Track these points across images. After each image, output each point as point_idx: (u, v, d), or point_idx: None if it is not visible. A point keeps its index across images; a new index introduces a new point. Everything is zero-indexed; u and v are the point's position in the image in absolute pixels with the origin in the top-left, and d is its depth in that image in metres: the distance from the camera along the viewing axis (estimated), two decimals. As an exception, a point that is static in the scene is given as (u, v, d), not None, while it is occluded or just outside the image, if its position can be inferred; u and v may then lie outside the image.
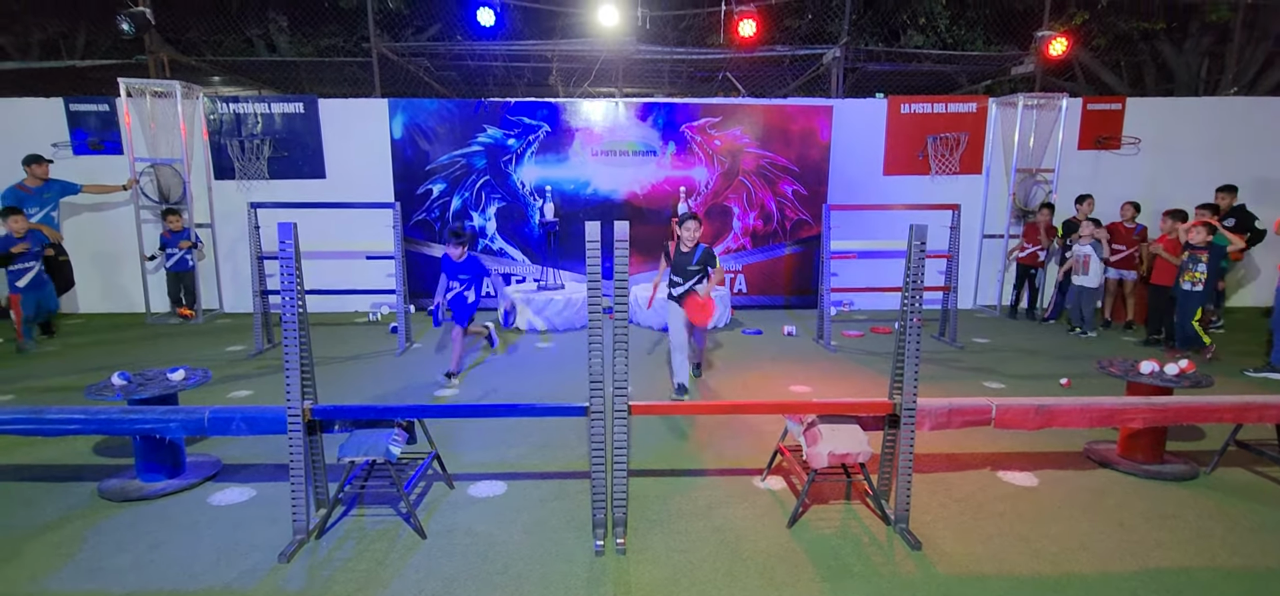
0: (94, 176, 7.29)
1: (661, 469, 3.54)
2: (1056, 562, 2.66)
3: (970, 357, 5.91)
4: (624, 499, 2.84)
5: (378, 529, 2.92)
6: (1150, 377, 3.56)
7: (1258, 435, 3.65)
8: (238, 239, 7.75)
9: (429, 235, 7.95)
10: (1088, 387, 4.89)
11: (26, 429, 3.08)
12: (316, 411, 2.84)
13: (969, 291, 8.22)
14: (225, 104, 7.66)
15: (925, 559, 2.68)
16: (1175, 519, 3.02)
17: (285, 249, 2.63)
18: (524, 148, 7.82)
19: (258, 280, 5.93)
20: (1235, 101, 8.38)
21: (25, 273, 5.85)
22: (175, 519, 3.00)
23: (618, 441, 2.80)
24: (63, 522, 2.96)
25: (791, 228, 8.09)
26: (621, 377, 2.75)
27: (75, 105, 7.53)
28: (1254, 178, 7.79)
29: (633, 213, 7.91)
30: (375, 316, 7.65)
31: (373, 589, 2.48)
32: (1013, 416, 3.13)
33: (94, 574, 2.57)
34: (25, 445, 3.80)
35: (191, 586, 2.49)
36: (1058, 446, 3.82)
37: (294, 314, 2.67)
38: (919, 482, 3.27)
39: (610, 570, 2.60)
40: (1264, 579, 2.56)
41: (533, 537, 2.84)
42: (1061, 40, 8.04)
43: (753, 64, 10.03)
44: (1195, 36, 10.81)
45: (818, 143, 7.90)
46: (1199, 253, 5.72)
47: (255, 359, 5.84)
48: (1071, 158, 7.93)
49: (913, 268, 2.77)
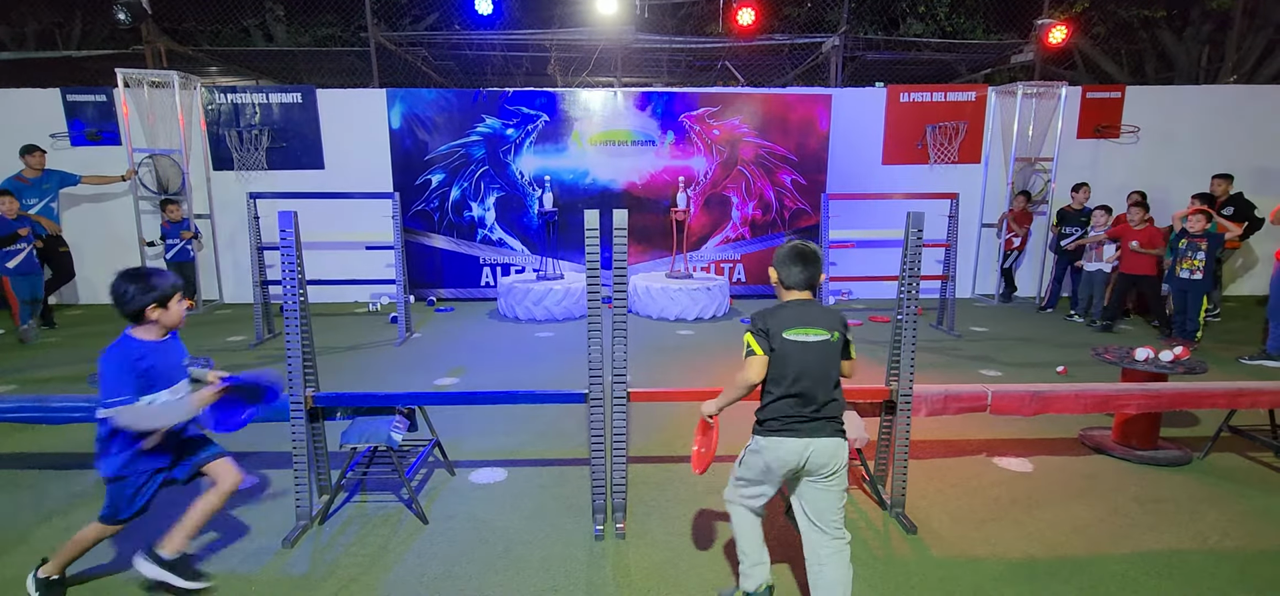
0: (92, 167, 7.28)
1: (661, 455, 3.57)
2: (1050, 545, 2.70)
3: (968, 346, 5.94)
4: (623, 484, 2.87)
5: (380, 514, 2.95)
6: (1145, 364, 3.59)
7: (1251, 421, 3.69)
8: (237, 229, 7.76)
9: (428, 225, 7.96)
10: (1084, 375, 4.93)
11: (31, 417, 3.11)
12: (319, 398, 2.86)
13: (967, 280, 8.25)
14: (223, 94, 7.64)
15: (920, 542, 2.72)
16: (1168, 503, 3.06)
17: (286, 238, 2.65)
18: (523, 137, 7.82)
19: (258, 270, 5.94)
20: (1235, 90, 8.37)
21: (16, 255, 5.85)
22: (178, 505, 3.03)
23: (617, 428, 2.83)
24: (68, 509, 3.00)
25: (790, 217, 8.10)
26: (620, 365, 2.78)
27: (72, 96, 7.52)
28: (1253, 166, 7.80)
29: (631, 202, 7.92)
30: (375, 306, 7.68)
31: (376, 573, 2.52)
32: (1008, 402, 3.16)
33: (99, 559, 2.60)
34: (30, 433, 3.83)
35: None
36: (1053, 433, 3.86)
37: (296, 302, 2.69)
38: (915, 468, 3.31)
39: (610, 554, 2.64)
40: (1254, 561, 2.60)
41: (533, 523, 2.88)
42: (1061, 28, 8.02)
43: (751, 53, 10.00)
44: (1195, 24, 10.79)
45: (817, 132, 7.90)
46: (1197, 241, 5.75)
47: (256, 349, 5.86)
48: (1071, 146, 7.94)
49: (910, 256, 2.80)
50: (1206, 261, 5.70)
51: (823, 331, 2.02)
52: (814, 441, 1.99)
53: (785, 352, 2.00)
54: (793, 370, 1.99)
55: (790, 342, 2.00)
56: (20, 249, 5.88)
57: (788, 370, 2.00)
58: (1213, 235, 5.79)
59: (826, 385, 2.02)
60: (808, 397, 2.00)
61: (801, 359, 1.99)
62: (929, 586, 2.43)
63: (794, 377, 1.99)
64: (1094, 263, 6.74)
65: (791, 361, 1.99)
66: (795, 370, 1.99)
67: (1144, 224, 6.28)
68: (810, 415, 2.00)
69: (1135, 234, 6.27)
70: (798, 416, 2.00)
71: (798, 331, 2.00)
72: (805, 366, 1.99)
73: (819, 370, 2.00)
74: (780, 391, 2.01)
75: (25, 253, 5.91)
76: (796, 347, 2.00)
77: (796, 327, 2.01)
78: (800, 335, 2.00)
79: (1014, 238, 7.63)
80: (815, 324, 2.02)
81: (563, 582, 2.45)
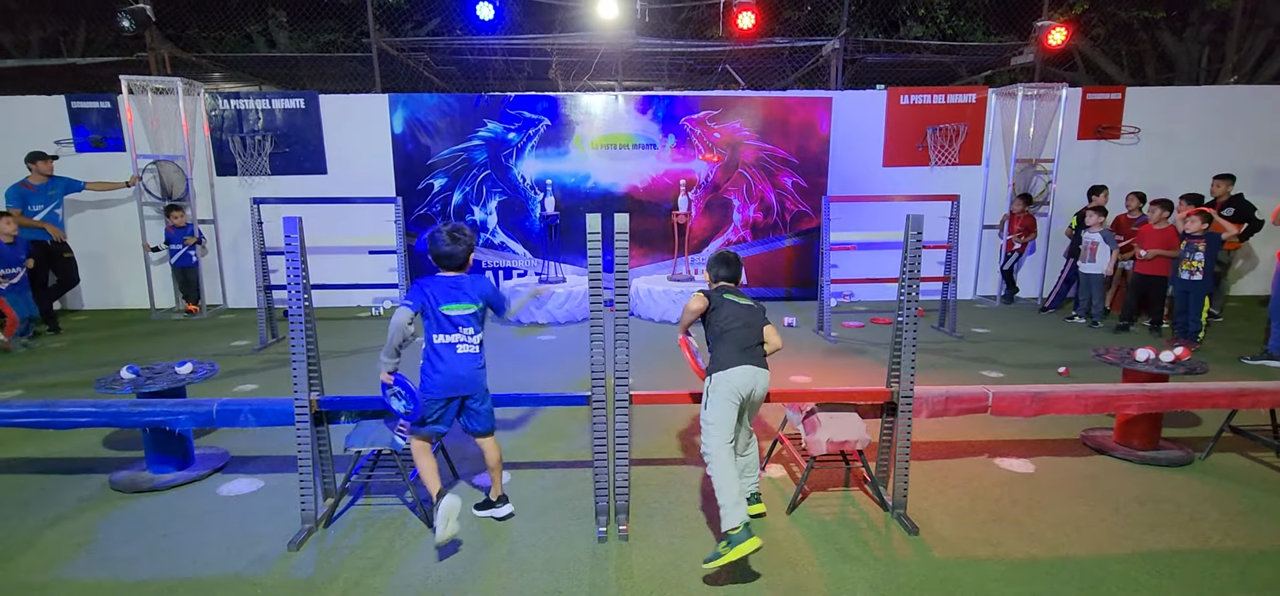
0: (96, 173, 7.33)
1: (663, 457, 3.58)
2: (1051, 546, 2.71)
3: (969, 347, 5.95)
4: (626, 487, 2.89)
5: (385, 517, 2.97)
6: (1146, 365, 3.59)
7: (1252, 421, 3.70)
8: (240, 234, 7.79)
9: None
10: (1086, 376, 4.94)
11: (39, 422, 3.13)
12: (323, 402, 2.88)
13: (969, 282, 8.26)
14: (226, 100, 7.69)
15: (922, 543, 2.73)
16: (1169, 503, 3.07)
17: (292, 243, 2.67)
18: (524, 142, 7.85)
19: (261, 275, 5.97)
20: (1235, 90, 8.38)
21: (11, 277, 5.88)
22: (185, 509, 3.06)
23: (619, 430, 2.84)
24: (76, 514, 3.02)
25: (791, 219, 8.12)
26: (623, 368, 2.79)
27: (77, 102, 7.56)
28: (1254, 167, 7.81)
29: (633, 206, 7.94)
30: (378, 310, 7.70)
31: (381, 575, 2.53)
32: (1009, 404, 3.17)
33: (107, 563, 2.62)
34: (37, 438, 3.85)
35: (203, 574, 2.54)
36: (1055, 434, 3.87)
37: (300, 306, 2.71)
38: (917, 470, 3.32)
39: (613, 555, 2.65)
40: (1255, 560, 2.61)
41: (536, 525, 2.89)
42: (1061, 30, 8.04)
43: (752, 56, 10.03)
44: (1195, 25, 10.80)
45: (817, 135, 7.92)
46: (1196, 241, 5.75)
47: (260, 353, 5.89)
48: (1071, 147, 7.95)
49: (910, 257, 2.81)
50: (1206, 262, 5.71)
51: (750, 302, 2.82)
52: (758, 372, 2.69)
53: (725, 310, 2.75)
54: (733, 321, 2.72)
55: (728, 302, 2.78)
56: (15, 272, 5.90)
57: (730, 322, 2.72)
58: (1212, 236, 5.79)
59: (756, 334, 2.75)
60: (743, 341, 2.69)
61: (735, 312, 2.75)
62: (931, 587, 2.44)
63: (736, 327, 2.70)
64: (1090, 264, 6.75)
65: (731, 315, 2.74)
66: (735, 321, 2.72)
67: (1164, 224, 6.21)
68: (749, 353, 2.69)
69: (1159, 235, 6.20)
70: (740, 354, 2.67)
71: (734, 297, 2.81)
72: (740, 319, 2.73)
73: (751, 322, 2.74)
74: (725, 339, 2.70)
75: (19, 275, 5.94)
76: (732, 305, 2.77)
77: (732, 295, 2.82)
78: (734, 298, 2.80)
79: (1015, 240, 7.64)
80: (744, 299, 2.83)
81: (566, 584, 2.47)
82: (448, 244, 2.68)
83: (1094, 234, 6.69)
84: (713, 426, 2.61)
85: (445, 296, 2.67)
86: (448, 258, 2.70)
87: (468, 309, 2.69)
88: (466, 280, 2.74)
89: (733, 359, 2.65)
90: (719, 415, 2.61)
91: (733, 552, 2.36)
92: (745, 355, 2.67)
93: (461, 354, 2.68)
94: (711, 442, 2.59)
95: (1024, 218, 7.64)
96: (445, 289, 2.68)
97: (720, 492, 2.49)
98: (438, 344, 2.67)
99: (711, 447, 2.58)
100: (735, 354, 2.66)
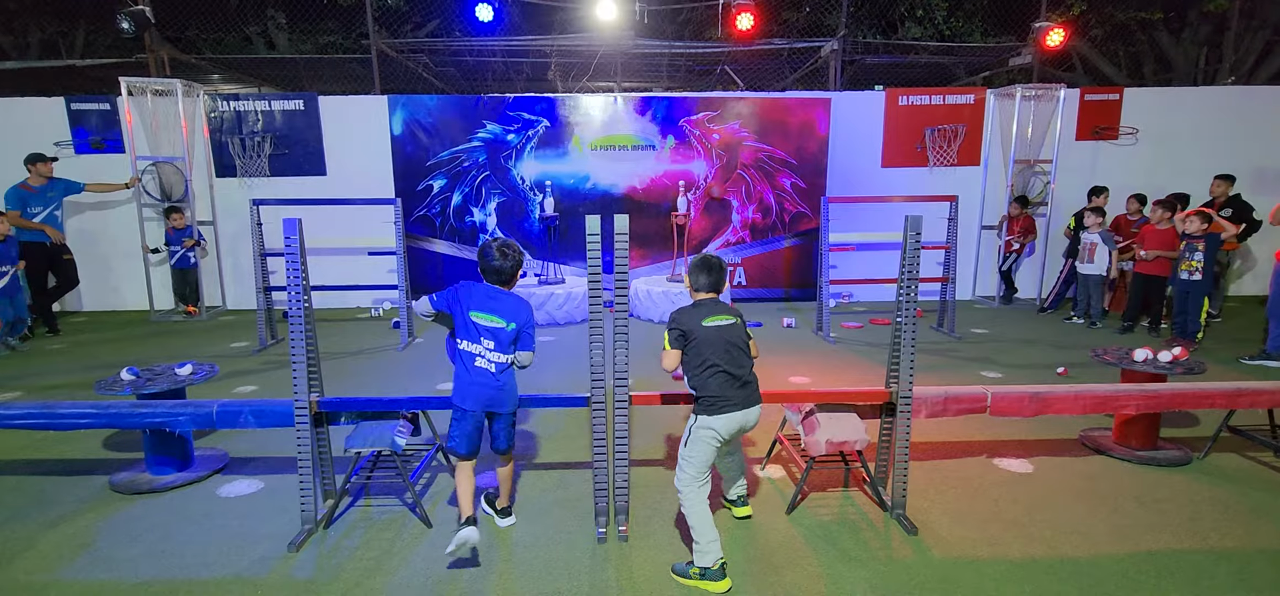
0: (96, 175, 7.33)
1: (663, 458, 3.59)
2: (1050, 545, 2.72)
3: (968, 348, 5.96)
4: (625, 487, 2.89)
5: (385, 518, 2.97)
6: (1144, 365, 3.60)
7: (1250, 421, 3.71)
8: (239, 236, 7.79)
9: (430, 231, 7.99)
10: (1084, 376, 4.95)
11: (39, 423, 3.13)
12: (323, 403, 2.89)
13: (967, 282, 8.27)
14: (226, 102, 7.69)
15: (921, 543, 2.74)
16: (1168, 503, 3.08)
17: (291, 245, 2.67)
18: (523, 143, 7.85)
19: (261, 276, 5.97)
20: (1233, 91, 8.40)
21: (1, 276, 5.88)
22: (186, 510, 3.06)
23: (619, 431, 2.85)
24: (76, 515, 3.02)
25: (790, 220, 8.13)
26: (622, 369, 2.80)
27: (76, 104, 7.56)
28: (1252, 167, 7.82)
29: (632, 207, 7.95)
30: (377, 312, 7.70)
31: (381, 576, 2.54)
32: (1007, 404, 3.18)
33: (108, 564, 2.62)
34: (37, 439, 3.85)
35: (204, 575, 2.55)
36: (1054, 434, 3.87)
37: (300, 308, 2.71)
38: (916, 470, 3.33)
39: (613, 556, 2.66)
40: (1253, 560, 2.62)
41: (537, 525, 2.90)
42: (1059, 31, 8.06)
43: (751, 57, 10.05)
44: (1193, 26, 10.83)
45: (816, 135, 7.93)
46: (1196, 242, 5.77)
47: (259, 354, 5.89)
48: (1069, 148, 7.96)
49: (908, 258, 2.82)
50: (1205, 262, 5.72)
51: (731, 318, 2.58)
52: (748, 414, 2.52)
53: (707, 338, 2.50)
54: (715, 351, 2.49)
55: (709, 329, 2.52)
56: (5, 271, 5.90)
57: (712, 354, 2.49)
58: (1211, 236, 5.81)
59: (745, 359, 2.55)
60: (733, 374, 2.48)
61: (715, 341, 2.50)
62: (930, 587, 2.44)
63: (720, 359, 2.48)
64: (1089, 265, 6.76)
65: (712, 344, 2.49)
66: (716, 351, 2.49)
67: (1166, 225, 6.23)
68: (742, 390, 2.50)
69: (1160, 236, 6.21)
70: (732, 391, 2.48)
71: (713, 319, 2.54)
72: (721, 346, 2.50)
73: (734, 342, 2.53)
74: (714, 373, 2.48)
75: (9, 276, 5.94)
76: (711, 332, 2.51)
77: (711, 317, 2.55)
78: (716, 321, 2.54)
79: (1013, 241, 7.65)
80: (725, 314, 2.57)
81: (566, 584, 2.47)
82: (497, 258, 2.70)
83: (1092, 235, 6.70)
84: (690, 463, 2.52)
85: (479, 304, 2.66)
86: (495, 271, 2.71)
87: (497, 322, 2.65)
88: (508, 298, 2.72)
89: (722, 402, 2.47)
90: (698, 454, 2.51)
91: (703, 584, 2.41)
92: (738, 393, 2.48)
93: (478, 367, 2.64)
94: (685, 480, 2.51)
95: (1023, 219, 7.66)
96: (482, 297, 2.68)
97: (697, 530, 2.44)
98: (461, 350, 2.69)
99: (685, 485, 2.51)
100: (727, 390, 2.47)
